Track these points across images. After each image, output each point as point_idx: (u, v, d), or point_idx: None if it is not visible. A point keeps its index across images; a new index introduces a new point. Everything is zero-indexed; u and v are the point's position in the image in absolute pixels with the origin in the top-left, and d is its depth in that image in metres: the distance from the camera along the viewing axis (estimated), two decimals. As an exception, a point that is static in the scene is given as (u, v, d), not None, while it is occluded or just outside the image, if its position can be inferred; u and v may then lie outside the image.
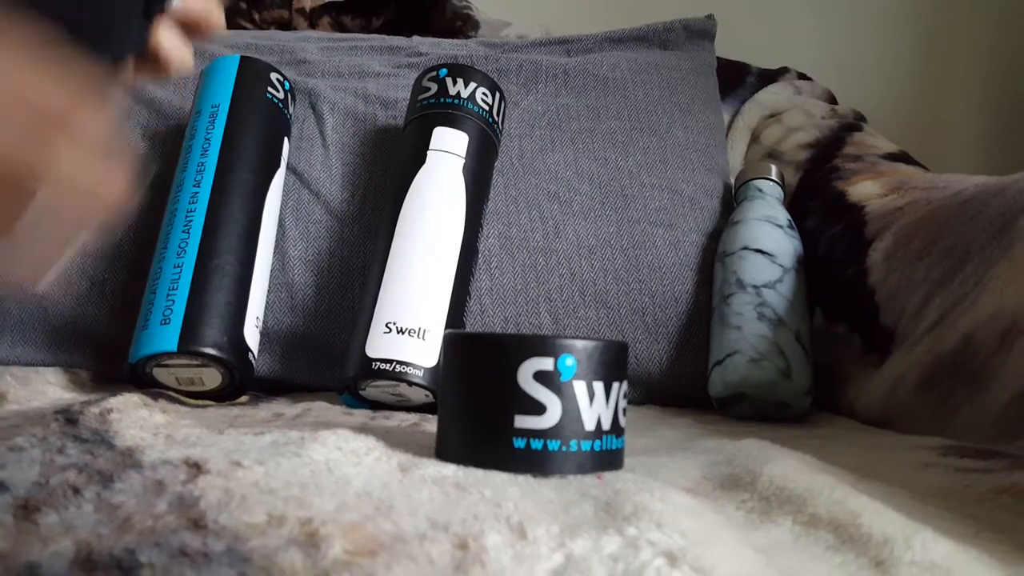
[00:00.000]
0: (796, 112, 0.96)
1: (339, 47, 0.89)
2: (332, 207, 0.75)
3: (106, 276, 0.71)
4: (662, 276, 0.74)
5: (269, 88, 0.70)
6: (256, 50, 0.85)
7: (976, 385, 0.54)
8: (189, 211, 0.63)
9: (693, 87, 0.88)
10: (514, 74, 0.85)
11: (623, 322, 0.72)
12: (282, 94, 0.72)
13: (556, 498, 0.29)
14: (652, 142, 0.82)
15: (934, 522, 0.29)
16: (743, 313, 0.67)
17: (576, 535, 0.24)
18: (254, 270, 0.64)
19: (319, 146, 0.78)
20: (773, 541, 0.28)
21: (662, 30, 0.93)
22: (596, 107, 0.84)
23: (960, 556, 0.25)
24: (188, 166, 0.65)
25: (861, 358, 0.67)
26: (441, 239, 0.63)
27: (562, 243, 0.75)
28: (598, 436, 0.34)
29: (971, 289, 0.58)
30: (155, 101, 0.79)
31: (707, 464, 0.38)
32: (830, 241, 0.77)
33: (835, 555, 0.26)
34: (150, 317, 0.59)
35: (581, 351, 0.34)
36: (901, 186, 0.76)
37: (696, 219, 0.78)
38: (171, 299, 0.59)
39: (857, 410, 0.66)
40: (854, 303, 0.70)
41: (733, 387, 0.65)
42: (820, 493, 0.31)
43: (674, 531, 0.24)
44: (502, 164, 0.76)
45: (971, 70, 1.19)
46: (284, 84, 0.73)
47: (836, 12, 1.22)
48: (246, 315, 0.61)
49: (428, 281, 0.62)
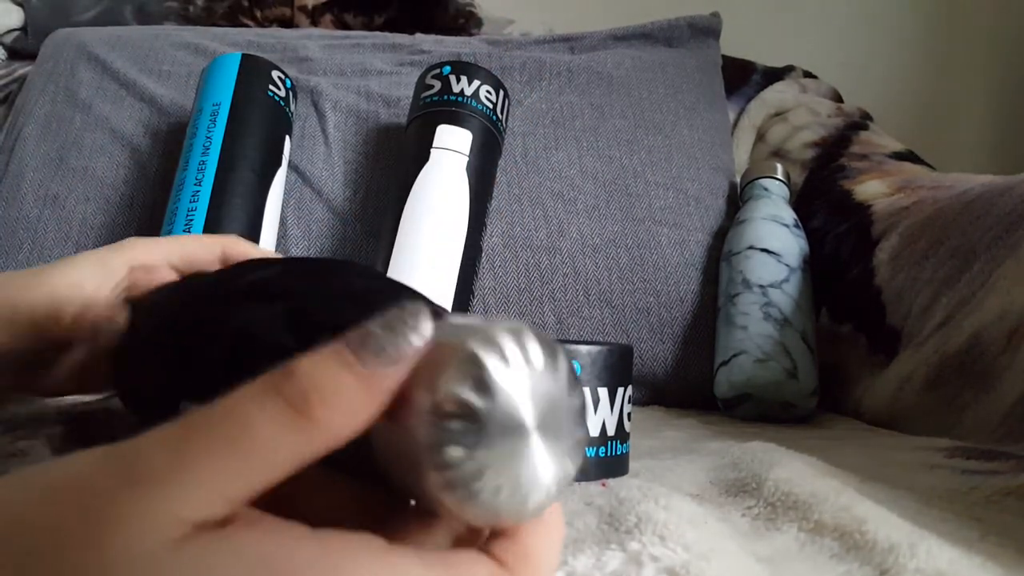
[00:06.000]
0: (802, 110, 0.95)
1: (341, 45, 0.89)
2: (334, 206, 0.75)
3: (108, 275, 0.71)
4: (667, 275, 0.74)
5: (271, 86, 0.70)
6: (258, 48, 0.85)
7: (983, 385, 0.54)
8: (190, 210, 0.63)
9: (698, 85, 0.88)
10: (518, 72, 0.85)
11: (627, 322, 0.72)
12: (284, 92, 0.72)
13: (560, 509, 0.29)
14: (657, 140, 0.82)
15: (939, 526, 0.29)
16: (749, 313, 0.67)
17: (579, 552, 0.24)
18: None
19: (321, 144, 0.78)
20: (778, 550, 0.27)
21: (667, 28, 0.92)
22: (600, 105, 0.83)
23: (964, 562, 0.25)
24: (189, 165, 0.65)
25: (867, 358, 0.67)
26: (444, 238, 0.63)
27: (566, 242, 0.74)
28: (603, 442, 0.34)
29: (978, 289, 0.57)
30: (156, 99, 0.79)
31: (713, 468, 0.38)
32: (836, 240, 0.76)
33: (839, 564, 0.26)
34: (152, 317, 0.59)
35: (585, 356, 0.33)
36: (907, 185, 0.76)
37: (701, 218, 0.78)
38: (173, 299, 0.59)
39: (863, 410, 0.65)
40: (860, 303, 0.70)
41: (738, 387, 0.65)
42: (826, 499, 0.30)
43: (677, 544, 0.24)
44: (506, 162, 0.76)
45: (978, 69, 1.18)
46: (286, 82, 0.72)
47: (842, 10, 1.21)
48: (248, 315, 0.61)
49: (431, 280, 0.61)
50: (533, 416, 0.18)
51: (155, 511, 0.17)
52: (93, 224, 0.73)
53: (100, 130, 0.78)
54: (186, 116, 0.74)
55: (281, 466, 0.18)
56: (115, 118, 0.78)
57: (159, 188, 0.74)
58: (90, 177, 0.75)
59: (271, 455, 0.18)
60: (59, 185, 0.75)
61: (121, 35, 0.87)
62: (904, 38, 1.20)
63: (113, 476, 0.17)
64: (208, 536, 0.17)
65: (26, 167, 0.76)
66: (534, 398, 0.18)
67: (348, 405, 0.18)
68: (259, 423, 0.17)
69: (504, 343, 0.18)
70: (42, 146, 0.77)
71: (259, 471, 0.18)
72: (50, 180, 0.75)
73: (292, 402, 0.18)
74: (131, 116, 0.79)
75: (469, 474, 0.17)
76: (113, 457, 0.17)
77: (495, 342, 0.18)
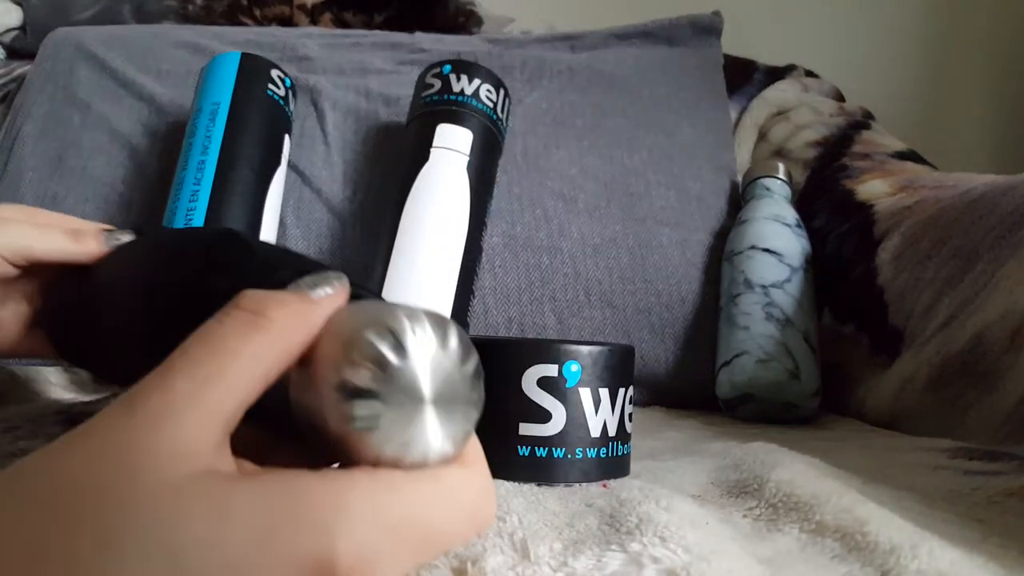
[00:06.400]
0: (804, 110, 0.95)
1: (341, 44, 0.89)
2: (333, 205, 0.75)
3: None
4: (668, 275, 0.73)
5: (270, 85, 0.70)
6: (257, 47, 0.84)
7: (986, 385, 0.53)
8: (189, 209, 0.62)
9: (700, 84, 0.88)
10: (518, 71, 0.84)
11: (628, 322, 0.72)
12: (283, 91, 0.72)
13: (561, 510, 0.29)
14: (658, 140, 0.81)
15: (941, 527, 0.29)
16: (751, 313, 0.66)
17: (579, 553, 0.24)
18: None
19: (320, 144, 0.78)
20: (779, 551, 0.27)
21: (668, 26, 0.92)
22: (601, 104, 0.83)
23: (966, 563, 0.25)
24: (188, 164, 0.65)
25: (870, 358, 0.67)
26: (444, 238, 0.63)
27: (567, 242, 0.74)
28: (604, 443, 0.34)
29: (981, 289, 0.57)
30: (155, 98, 0.79)
31: (714, 469, 0.38)
32: (838, 240, 0.76)
33: (841, 565, 0.26)
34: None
35: (586, 357, 0.33)
36: (910, 185, 0.75)
37: (703, 218, 0.77)
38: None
39: (865, 411, 0.65)
40: (863, 303, 0.70)
41: (740, 388, 0.65)
42: (827, 500, 0.30)
43: (678, 545, 0.23)
44: (506, 162, 0.76)
45: (980, 68, 1.18)
46: (285, 81, 0.72)
47: (843, 9, 1.21)
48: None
49: (431, 280, 0.61)
50: (430, 389, 0.21)
51: (160, 441, 0.19)
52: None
53: (99, 129, 0.78)
54: (185, 115, 0.74)
55: (253, 373, 0.21)
56: (114, 117, 0.78)
57: (158, 187, 0.74)
58: (89, 176, 0.75)
59: (243, 363, 0.20)
60: (58, 184, 0.75)
61: (120, 34, 0.87)
62: (906, 37, 1.20)
63: (122, 422, 0.19)
64: (221, 480, 0.19)
65: (25, 166, 0.76)
66: (433, 373, 0.21)
67: (295, 308, 0.22)
68: (226, 334, 0.21)
69: (402, 323, 0.21)
70: (41, 145, 0.77)
71: (237, 382, 0.20)
72: (49, 179, 0.75)
73: (249, 307, 0.21)
74: (130, 115, 0.78)
75: (372, 424, 0.20)
76: (121, 405, 0.20)
77: (396, 320, 0.21)
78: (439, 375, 0.21)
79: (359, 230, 0.73)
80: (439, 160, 0.65)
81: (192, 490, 0.18)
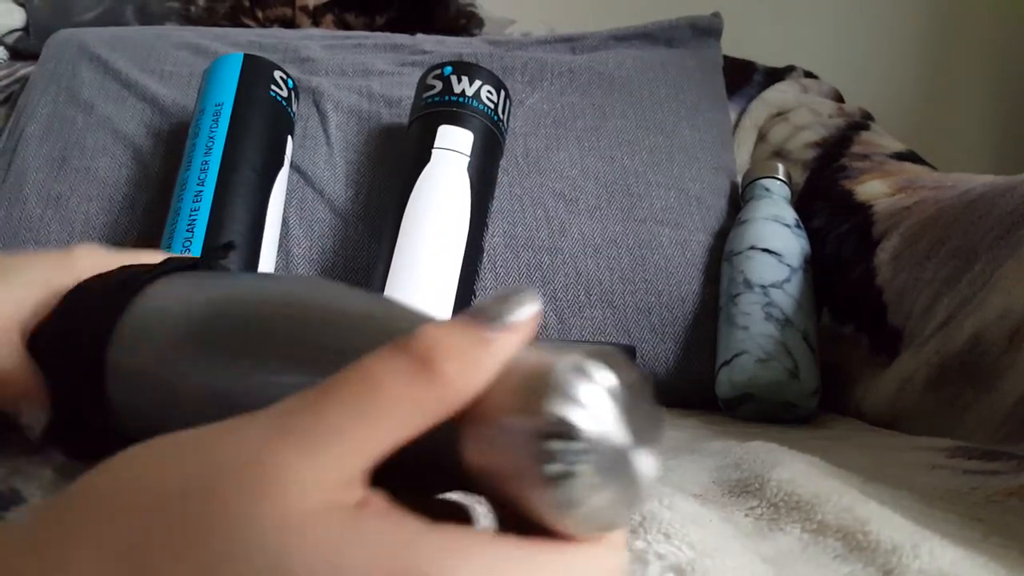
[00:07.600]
0: (803, 111, 0.95)
1: (343, 45, 0.89)
2: (336, 206, 0.75)
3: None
4: (668, 275, 0.74)
5: (273, 86, 0.70)
6: (259, 48, 0.85)
7: (984, 385, 0.54)
8: (193, 210, 0.63)
9: (699, 85, 0.88)
10: (519, 72, 0.85)
11: (629, 322, 0.72)
12: (286, 92, 0.72)
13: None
14: (658, 140, 0.82)
15: (942, 527, 0.29)
16: (750, 313, 0.67)
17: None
18: (257, 269, 0.64)
19: (323, 144, 0.78)
20: (781, 550, 0.28)
21: (668, 28, 0.92)
22: (602, 105, 0.83)
23: (967, 563, 0.25)
24: (192, 165, 0.65)
25: (869, 358, 0.67)
26: (446, 238, 0.63)
27: (567, 242, 0.74)
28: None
29: (979, 289, 0.57)
30: (158, 99, 0.79)
31: (715, 468, 0.38)
32: (837, 240, 0.76)
33: (843, 564, 0.26)
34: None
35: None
36: (909, 185, 0.76)
37: (703, 218, 0.78)
38: (175, 299, 0.59)
39: (864, 411, 0.65)
40: (862, 303, 0.70)
41: (740, 387, 0.65)
42: (828, 499, 0.30)
43: (682, 542, 0.24)
44: (507, 162, 0.76)
45: (979, 68, 1.18)
46: (288, 82, 0.73)
47: (842, 10, 1.21)
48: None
49: (433, 280, 0.61)
50: (628, 431, 0.19)
51: (301, 468, 0.18)
52: (96, 224, 0.73)
53: (102, 130, 0.78)
54: (188, 116, 0.74)
55: (410, 423, 0.19)
56: (117, 118, 0.78)
57: (162, 188, 0.74)
58: (92, 177, 0.75)
59: (400, 410, 0.18)
60: (62, 185, 0.75)
61: (123, 35, 0.87)
62: (905, 38, 1.20)
63: (262, 437, 0.18)
64: (344, 516, 0.18)
65: (28, 167, 0.76)
66: (626, 414, 0.19)
67: (469, 359, 0.19)
68: (387, 379, 0.18)
69: (588, 366, 0.18)
70: (44, 146, 0.77)
71: (389, 427, 0.18)
72: (53, 180, 0.75)
73: (417, 356, 0.19)
74: (133, 116, 0.79)
75: (581, 492, 0.18)
76: (262, 422, 0.18)
77: (582, 365, 0.18)
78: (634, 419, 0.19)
79: (361, 230, 0.74)
80: (440, 161, 0.65)
81: (316, 522, 0.17)
